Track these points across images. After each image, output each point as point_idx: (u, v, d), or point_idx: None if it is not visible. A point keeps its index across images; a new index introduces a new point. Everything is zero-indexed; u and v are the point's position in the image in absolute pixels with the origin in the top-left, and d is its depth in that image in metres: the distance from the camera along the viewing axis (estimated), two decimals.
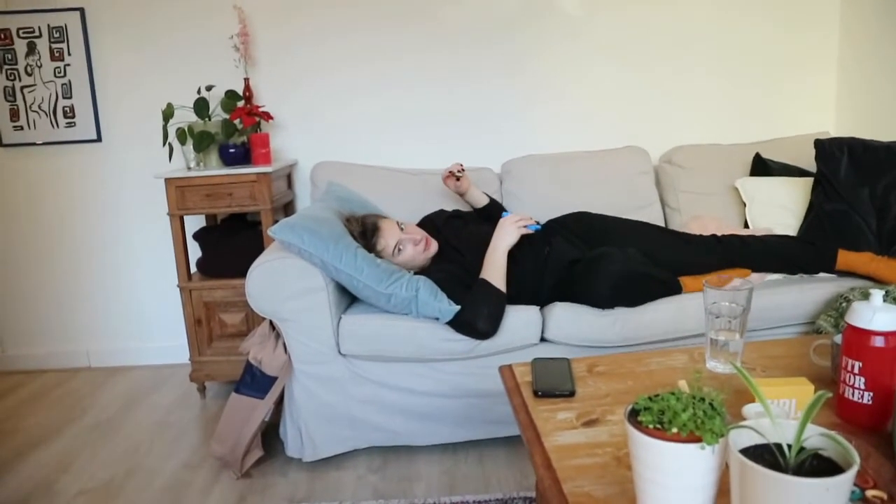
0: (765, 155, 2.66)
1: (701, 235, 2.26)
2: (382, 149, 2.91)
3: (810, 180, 2.47)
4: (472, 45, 2.85)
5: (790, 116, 2.92)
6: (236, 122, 2.61)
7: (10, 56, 2.85)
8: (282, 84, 2.88)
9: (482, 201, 2.45)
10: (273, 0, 2.81)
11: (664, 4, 2.84)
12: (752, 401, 1.04)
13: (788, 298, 2.10)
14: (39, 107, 2.89)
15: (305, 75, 2.88)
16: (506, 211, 2.31)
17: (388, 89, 2.89)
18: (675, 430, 0.77)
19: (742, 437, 0.76)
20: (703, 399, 0.81)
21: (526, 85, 2.89)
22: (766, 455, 0.74)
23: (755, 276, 2.15)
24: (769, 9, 2.87)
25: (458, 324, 1.96)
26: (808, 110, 2.94)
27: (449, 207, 2.50)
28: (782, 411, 1.11)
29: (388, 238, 2.12)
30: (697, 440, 0.76)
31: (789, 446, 0.74)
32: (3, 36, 2.83)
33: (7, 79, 2.86)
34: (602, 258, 2.02)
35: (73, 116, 2.90)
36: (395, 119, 2.91)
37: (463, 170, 2.34)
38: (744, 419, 0.93)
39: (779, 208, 2.50)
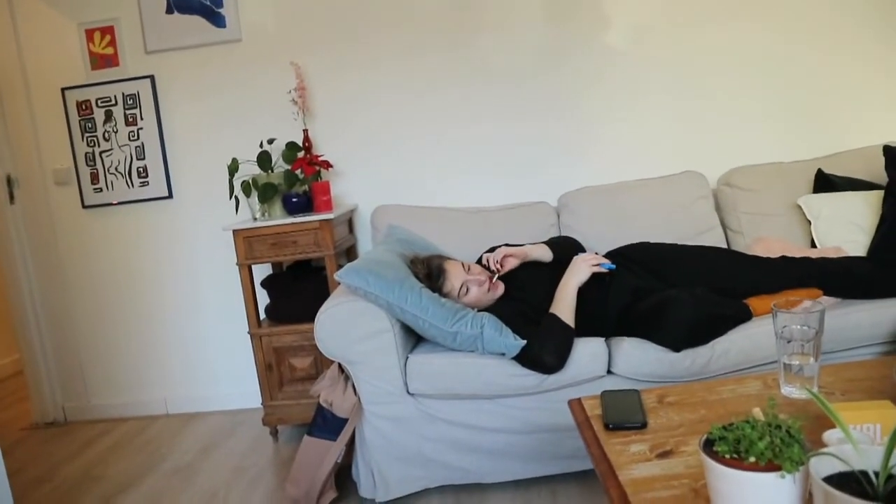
0: (827, 170, 2.58)
1: (767, 257, 2.20)
2: (439, 188, 2.97)
3: (880, 192, 2.37)
4: (523, 82, 2.90)
5: (850, 130, 2.82)
6: (297, 172, 2.72)
7: (90, 125, 3.06)
8: (338, 132, 2.99)
9: (547, 257, 2.32)
10: (325, 52, 2.94)
11: (712, 28, 2.82)
12: (834, 427, 1.01)
13: (867, 316, 2.01)
14: (116, 169, 3.08)
15: (360, 122, 2.98)
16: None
17: (442, 129, 2.96)
18: (752, 458, 0.76)
19: (824, 465, 0.75)
20: (779, 426, 0.80)
21: (579, 117, 2.91)
22: (851, 483, 0.72)
23: (826, 299, 2.04)
24: (818, 24, 2.81)
25: (524, 358, 1.96)
26: (868, 122, 2.83)
27: (511, 243, 2.50)
28: (866, 437, 1.07)
29: (453, 280, 2.14)
30: (776, 469, 0.75)
31: (876, 473, 0.72)
32: (84, 107, 3.05)
33: (88, 145, 3.08)
34: (670, 304, 1.96)
35: (147, 176, 3.08)
36: (450, 158, 2.97)
37: (501, 267, 2.19)
38: (826, 446, 0.91)
39: (847, 224, 2.40)
